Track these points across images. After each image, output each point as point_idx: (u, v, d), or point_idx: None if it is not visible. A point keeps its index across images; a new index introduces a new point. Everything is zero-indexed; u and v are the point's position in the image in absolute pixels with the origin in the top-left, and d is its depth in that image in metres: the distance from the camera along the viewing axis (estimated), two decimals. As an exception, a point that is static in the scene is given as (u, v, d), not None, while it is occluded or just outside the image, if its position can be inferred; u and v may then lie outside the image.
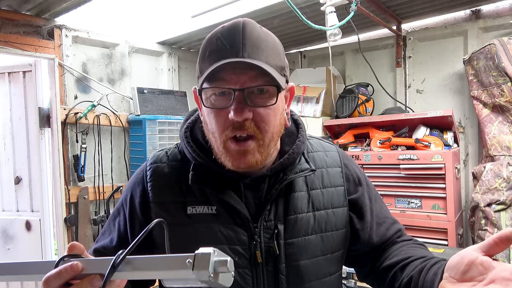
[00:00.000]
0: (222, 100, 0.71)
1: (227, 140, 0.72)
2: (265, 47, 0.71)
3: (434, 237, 2.23)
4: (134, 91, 2.89)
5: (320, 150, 0.89)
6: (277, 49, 0.75)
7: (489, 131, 2.34)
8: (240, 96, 0.69)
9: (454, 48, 2.68)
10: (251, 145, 0.71)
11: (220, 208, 0.77)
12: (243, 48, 0.69)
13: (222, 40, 0.71)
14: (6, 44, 2.34)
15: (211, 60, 0.70)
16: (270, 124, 0.72)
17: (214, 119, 0.72)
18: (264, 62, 0.69)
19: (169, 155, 0.85)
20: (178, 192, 0.79)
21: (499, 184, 2.15)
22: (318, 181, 0.83)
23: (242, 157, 0.72)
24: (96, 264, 0.57)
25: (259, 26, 0.75)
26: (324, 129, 2.84)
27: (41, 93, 2.65)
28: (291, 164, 0.80)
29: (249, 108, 0.69)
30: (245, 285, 0.75)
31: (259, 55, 0.69)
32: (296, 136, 0.84)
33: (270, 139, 0.73)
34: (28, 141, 2.73)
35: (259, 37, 0.72)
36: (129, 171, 2.96)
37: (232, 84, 0.69)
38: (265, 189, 0.79)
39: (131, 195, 0.83)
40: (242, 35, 0.70)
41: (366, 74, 2.99)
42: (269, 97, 0.71)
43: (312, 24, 1.98)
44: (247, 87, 0.69)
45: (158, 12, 2.60)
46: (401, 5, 2.51)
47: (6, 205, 2.81)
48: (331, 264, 0.82)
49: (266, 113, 0.71)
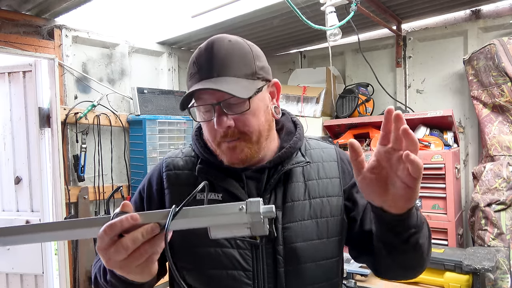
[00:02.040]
0: (207, 115, 0.83)
1: (219, 142, 0.83)
2: (231, 62, 0.81)
3: (434, 237, 2.21)
4: (134, 91, 2.89)
5: (317, 147, 0.98)
6: (246, 58, 0.83)
7: (489, 131, 2.34)
8: (219, 108, 0.80)
9: (454, 48, 2.68)
10: (240, 143, 0.82)
11: (225, 195, 0.87)
12: (212, 69, 0.80)
13: (197, 64, 0.83)
14: (6, 44, 2.34)
15: (191, 83, 0.83)
16: (253, 125, 0.82)
17: (206, 129, 0.86)
18: (232, 76, 0.80)
19: (184, 152, 0.97)
20: (190, 181, 0.90)
21: (499, 184, 2.15)
22: (314, 173, 0.92)
23: (233, 154, 0.83)
24: (152, 216, 0.61)
25: (228, 40, 0.84)
26: (324, 129, 2.84)
27: (41, 93, 2.65)
28: (289, 157, 0.89)
29: (229, 117, 0.80)
30: (246, 265, 0.83)
31: (226, 71, 0.80)
32: (294, 134, 0.94)
33: (258, 136, 0.83)
34: (28, 141, 2.73)
35: (226, 53, 0.81)
36: (129, 171, 2.96)
37: (210, 100, 0.81)
38: (265, 179, 0.88)
39: (149, 183, 0.95)
40: (211, 55, 0.81)
41: (366, 74, 2.99)
42: (243, 105, 0.80)
43: (312, 24, 1.98)
44: (222, 100, 0.79)
45: (158, 12, 2.60)
46: (401, 5, 2.51)
47: (6, 205, 2.81)
48: (327, 249, 0.88)
49: (245, 118, 0.81)
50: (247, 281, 0.83)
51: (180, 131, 3.04)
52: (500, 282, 2.01)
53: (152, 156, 2.85)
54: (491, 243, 2.12)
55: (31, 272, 2.74)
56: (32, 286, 2.77)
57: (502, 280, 2.01)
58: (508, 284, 2.00)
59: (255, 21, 2.63)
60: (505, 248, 2.07)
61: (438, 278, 1.89)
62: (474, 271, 1.80)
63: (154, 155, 2.86)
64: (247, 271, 0.83)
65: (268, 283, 0.83)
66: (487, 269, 1.77)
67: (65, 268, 2.60)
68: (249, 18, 2.58)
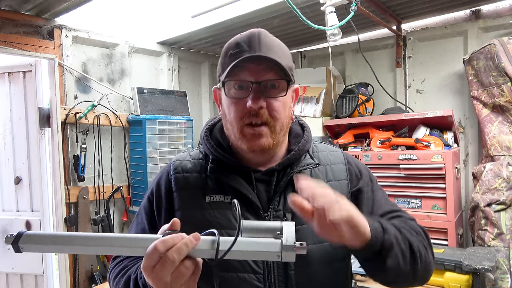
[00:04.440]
0: (241, 93, 0.84)
1: (244, 126, 0.84)
2: (278, 49, 0.85)
3: (434, 237, 2.23)
4: (134, 91, 2.89)
5: (325, 150, 0.99)
6: (287, 53, 0.89)
7: (489, 131, 2.34)
8: (257, 88, 0.82)
9: (454, 48, 2.68)
10: (264, 129, 0.83)
11: (234, 198, 0.86)
12: (259, 48, 0.82)
13: (241, 43, 0.84)
14: (6, 44, 2.34)
15: (232, 59, 0.83)
16: (281, 114, 0.84)
17: (234, 108, 0.84)
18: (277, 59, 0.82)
19: (191, 154, 0.98)
20: (199, 183, 0.90)
21: (499, 184, 2.15)
22: (322, 175, 0.93)
23: (256, 140, 0.84)
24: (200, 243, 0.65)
25: (271, 34, 0.88)
26: (324, 129, 2.84)
27: (41, 93, 2.65)
28: (297, 160, 0.91)
29: (264, 98, 0.82)
30: (256, 267, 0.83)
31: (272, 54, 0.82)
32: (302, 137, 0.95)
33: (280, 127, 0.85)
34: (28, 141, 2.73)
35: (272, 41, 0.86)
36: (129, 171, 2.96)
37: (250, 78, 0.82)
38: (274, 182, 0.89)
39: (158, 186, 0.94)
40: (258, 39, 0.84)
41: (366, 74, 2.99)
42: (280, 91, 0.84)
43: (312, 24, 1.98)
44: (263, 80, 0.82)
45: (158, 12, 2.60)
46: (401, 5, 2.51)
47: (6, 205, 2.81)
48: (337, 251, 0.87)
49: (277, 104, 0.84)
50: (258, 284, 0.83)
51: (180, 131, 3.04)
52: (500, 282, 2.01)
53: (152, 156, 2.85)
54: (491, 243, 2.12)
55: (31, 272, 2.74)
56: (32, 286, 2.76)
57: (502, 280, 2.01)
58: (508, 284, 2.00)
59: (255, 21, 2.63)
60: (505, 248, 2.07)
61: (438, 278, 1.89)
62: (474, 271, 1.80)
63: (154, 155, 2.86)
64: (257, 273, 0.83)
65: (279, 285, 0.83)
66: (487, 269, 1.77)
67: (65, 268, 2.61)
68: (249, 18, 2.57)
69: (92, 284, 2.68)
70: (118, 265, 0.90)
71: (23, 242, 0.65)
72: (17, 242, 0.64)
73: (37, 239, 0.65)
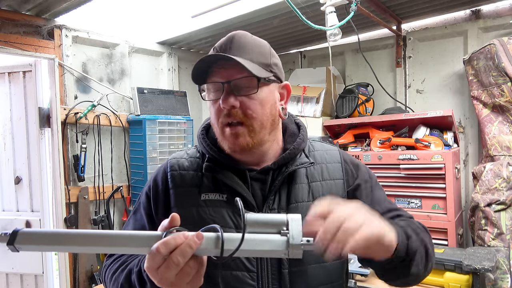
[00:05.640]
0: (216, 94, 0.85)
1: (223, 127, 0.85)
2: (250, 49, 0.85)
3: (434, 237, 2.21)
4: (134, 91, 2.89)
5: (321, 149, 0.98)
6: (263, 50, 0.88)
7: (489, 131, 2.34)
8: (228, 88, 0.82)
9: (454, 48, 2.68)
10: (240, 129, 0.83)
11: (229, 196, 0.87)
12: (229, 50, 0.84)
13: (216, 47, 0.87)
14: (6, 44, 2.34)
15: (199, 62, 0.84)
16: (257, 112, 0.84)
17: (212, 110, 0.87)
18: (247, 60, 0.82)
19: (189, 153, 0.98)
20: (195, 181, 0.91)
21: (499, 184, 2.15)
22: (318, 175, 0.93)
23: (235, 140, 0.84)
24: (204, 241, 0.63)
25: (250, 35, 0.89)
26: (324, 129, 2.84)
27: (41, 93, 2.65)
28: (293, 159, 0.90)
29: (236, 97, 0.82)
30: (250, 265, 0.83)
31: (242, 54, 0.83)
32: (298, 136, 0.94)
33: (260, 126, 0.85)
34: (28, 141, 2.73)
35: (246, 42, 0.86)
36: (129, 171, 2.96)
37: (219, 79, 0.83)
38: (270, 180, 0.89)
39: (155, 183, 0.95)
40: (231, 42, 0.85)
41: (366, 74, 2.99)
42: (252, 88, 0.83)
43: (312, 24, 1.98)
44: (232, 80, 0.82)
45: (158, 12, 2.60)
46: (401, 5, 2.51)
47: (6, 205, 2.81)
48: None
49: (251, 103, 0.83)
50: (251, 282, 0.83)
51: (180, 131, 3.04)
52: (500, 282, 2.01)
53: (152, 156, 2.85)
54: (491, 243, 2.12)
55: (31, 272, 2.74)
56: (32, 286, 2.76)
57: (502, 280, 2.01)
58: (508, 284, 2.00)
59: (255, 21, 2.63)
60: (505, 248, 2.07)
61: (438, 278, 1.89)
62: (474, 271, 1.80)
63: (154, 155, 2.86)
64: (251, 272, 0.83)
65: (273, 284, 0.83)
66: (487, 269, 1.77)
67: (65, 268, 2.61)
68: (249, 18, 2.57)
69: (92, 284, 2.69)
70: (115, 261, 0.88)
71: (18, 242, 0.64)
72: (12, 242, 0.64)
73: (34, 237, 0.65)
